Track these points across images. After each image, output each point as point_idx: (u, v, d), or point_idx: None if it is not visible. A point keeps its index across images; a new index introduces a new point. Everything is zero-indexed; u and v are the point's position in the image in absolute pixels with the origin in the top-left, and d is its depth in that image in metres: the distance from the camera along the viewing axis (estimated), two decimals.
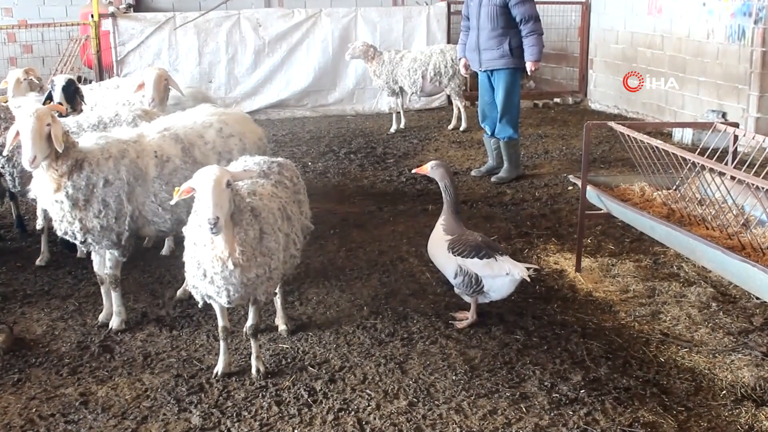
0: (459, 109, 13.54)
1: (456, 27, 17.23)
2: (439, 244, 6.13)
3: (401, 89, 13.48)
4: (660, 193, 6.53)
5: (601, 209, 6.85)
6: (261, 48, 15.06)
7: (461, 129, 13.40)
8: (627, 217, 6.47)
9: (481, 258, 5.89)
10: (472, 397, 5.03)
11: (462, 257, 5.93)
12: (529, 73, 10.20)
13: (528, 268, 5.92)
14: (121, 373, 5.42)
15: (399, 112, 13.70)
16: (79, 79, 14.36)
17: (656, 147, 6.20)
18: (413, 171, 6.62)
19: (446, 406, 4.93)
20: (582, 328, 5.97)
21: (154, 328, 6.09)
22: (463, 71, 10.67)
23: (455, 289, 6.16)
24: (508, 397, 5.02)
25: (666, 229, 5.84)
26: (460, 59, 10.62)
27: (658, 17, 13.71)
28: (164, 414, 4.90)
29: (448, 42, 15.05)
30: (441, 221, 6.18)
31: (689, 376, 5.27)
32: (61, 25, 15.45)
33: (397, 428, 4.72)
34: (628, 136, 6.47)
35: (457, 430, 4.69)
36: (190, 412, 4.91)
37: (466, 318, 6.09)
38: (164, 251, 7.65)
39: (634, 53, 14.41)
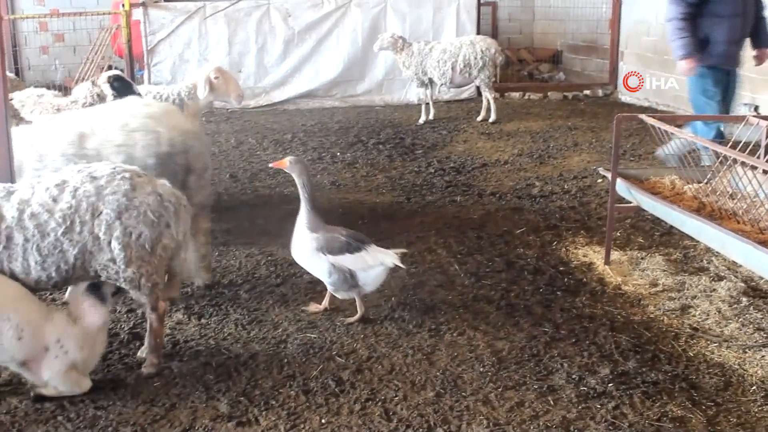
0: (488, 100, 13.50)
1: (486, 18, 17.25)
2: (305, 245, 5.95)
3: (430, 80, 13.47)
4: (690, 186, 6.48)
5: (630, 202, 6.81)
6: (290, 38, 15.10)
7: (490, 120, 13.36)
8: (657, 210, 6.42)
9: (351, 252, 5.83)
10: (500, 389, 5.01)
11: (333, 255, 5.83)
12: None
13: (396, 253, 5.95)
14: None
15: (428, 103, 13.69)
16: (109, 68, 14.52)
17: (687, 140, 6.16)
18: (271, 164, 6.38)
19: (473, 398, 4.92)
20: (610, 322, 5.94)
21: (182, 316, 6.12)
22: (690, 74, 8.90)
23: (329, 287, 6.04)
24: (535, 390, 5.00)
25: (696, 223, 5.79)
26: (686, 57, 8.68)
27: None
28: (192, 401, 4.93)
29: (478, 33, 15.02)
30: (303, 220, 5.95)
31: (719, 372, 5.23)
32: (92, 14, 15.55)
33: (424, 419, 4.71)
34: (659, 128, 6.43)
35: (484, 421, 4.68)
36: (218, 399, 4.93)
37: (318, 308, 6.13)
38: None
39: (665, 46, 14.27)
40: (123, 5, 14.21)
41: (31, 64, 16.55)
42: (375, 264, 5.86)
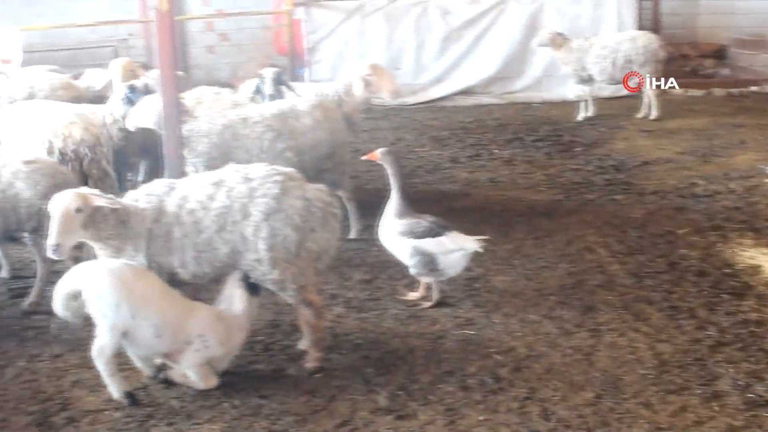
0: (649, 97, 13.17)
1: (646, 13, 16.84)
2: (391, 229, 6.25)
3: (590, 77, 13.24)
4: None
5: None
6: (448, 34, 15.14)
7: (651, 117, 13.04)
8: None
9: (432, 237, 6.05)
10: (661, 393, 4.91)
11: (415, 239, 6.06)
12: None
13: (478, 239, 6.08)
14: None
15: (587, 100, 13.47)
16: (271, 66, 14.93)
17: None
18: (363, 157, 6.65)
19: (634, 401, 4.84)
20: None
21: (342, 309, 6.25)
22: None
23: (411, 270, 6.23)
24: (699, 395, 4.87)
25: None
26: None
27: None
28: (352, 394, 5.02)
29: (639, 28, 14.68)
30: (392, 207, 6.26)
31: None
32: (255, 14, 15.98)
33: (582, 420, 4.67)
34: None
35: (645, 425, 4.60)
36: (378, 393, 5.01)
37: (416, 295, 6.33)
38: (352, 234, 7.79)
39: None
40: (285, 4, 14.57)
41: (197, 63, 17.15)
42: (455, 248, 6.07)
